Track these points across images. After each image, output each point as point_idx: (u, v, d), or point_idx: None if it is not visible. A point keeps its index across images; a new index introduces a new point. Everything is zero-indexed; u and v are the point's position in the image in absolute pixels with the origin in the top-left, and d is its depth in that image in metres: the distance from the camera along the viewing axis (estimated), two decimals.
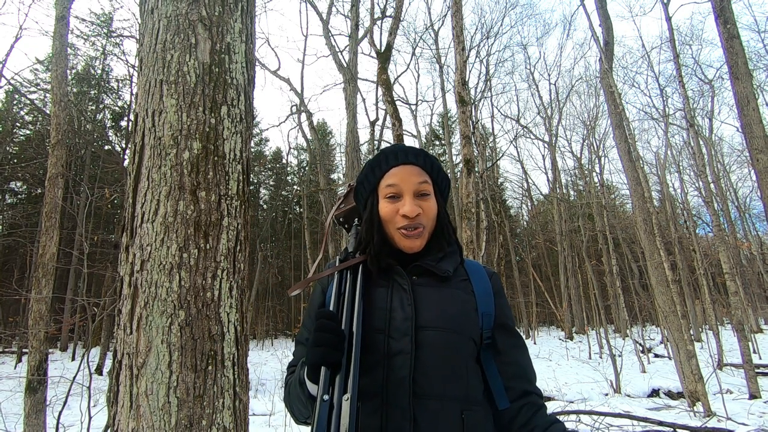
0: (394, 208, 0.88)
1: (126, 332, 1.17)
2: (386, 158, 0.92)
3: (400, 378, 0.77)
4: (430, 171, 0.93)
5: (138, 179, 1.28)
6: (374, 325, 0.81)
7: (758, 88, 15.29)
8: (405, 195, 0.88)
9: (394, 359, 0.79)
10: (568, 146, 25.17)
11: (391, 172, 0.90)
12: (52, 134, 5.05)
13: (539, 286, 21.67)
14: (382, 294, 0.86)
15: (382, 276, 0.88)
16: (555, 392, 9.29)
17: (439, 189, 0.95)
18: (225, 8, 1.43)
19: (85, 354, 4.07)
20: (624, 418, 5.79)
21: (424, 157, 0.93)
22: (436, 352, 0.81)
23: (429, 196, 0.90)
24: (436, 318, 0.83)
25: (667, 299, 7.71)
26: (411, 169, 0.90)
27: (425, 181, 0.90)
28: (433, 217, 0.90)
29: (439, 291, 0.87)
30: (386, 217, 0.89)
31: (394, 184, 0.88)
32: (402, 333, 0.81)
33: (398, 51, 25.56)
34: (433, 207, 0.90)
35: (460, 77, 4.57)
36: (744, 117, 4.70)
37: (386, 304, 0.84)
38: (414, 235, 0.87)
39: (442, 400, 0.79)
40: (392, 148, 0.94)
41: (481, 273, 0.96)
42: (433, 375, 0.79)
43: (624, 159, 8.37)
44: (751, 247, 20.25)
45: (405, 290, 0.85)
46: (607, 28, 8.71)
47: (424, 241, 0.89)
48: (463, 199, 4.19)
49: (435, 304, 0.85)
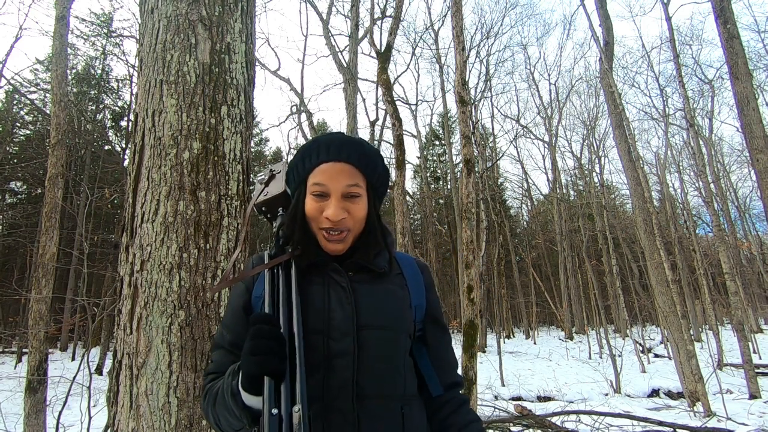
0: (319, 207, 0.83)
1: (126, 332, 1.17)
2: (318, 150, 0.86)
3: (342, 380, 0.75)
4: (365, 170, 0.87)
5: (138, 179, 1.28)
6: (311, 325, 0.77)
7: (758, 88, 15.29)
8: (332, 195, 0.83)
9: (334, 361, 0.75)
10: (568, 146, 25.20)
11: (321, 168, 0.84)
12: (52, 134, 5.05)
13: (539, 286, 21.67)
14: (317, 292, 0.81)
15: (315, 272, 0.83)
16: (555, 392, 9.29)
17: (374, 188, 0.89)
18: (225, 8, 1.43)
19: (85, 354, 4.08)
20: (624, 418, 5.79)
21: (359, 154, 0.87)
22: (378, 352, 0.79)
23: (358, 197, 0.85)
24: (376, 316, 0.81)
25: (667, 299, 7.70)
26: (342, 168, 0.84)
27: (356, 183, 0.84)
28: (360, 219, 0.85)
29: (376, 288, 0.85)
30: (310, 215, 0.84)
31: (322, 183, 0.83)
32: (342, 333, 0.78)
33: (398, 51, 25.58)
34: (361, 209, 0.85)
35: (460, 77, 4.57)
36: (744, 117, 4.70)
37: (324, 303, 0.80)
38: (336, 239, 0.83)
39: (384, 399, 0.78)
40: (327, 139, 0.88)
41: (413, 266, 0.94)
42: (375, 375, 0.78)
43: (624, 159, 8.37)
44: (751, 247, 20.25)
45: (343, 288, 0.82)
46: (607, 28, 8.71)
47: (347, 245, 0.85)
48: (463, 199, 4.19)
49: (374, 301, 0.83)
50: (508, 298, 23.52)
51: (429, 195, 23.73)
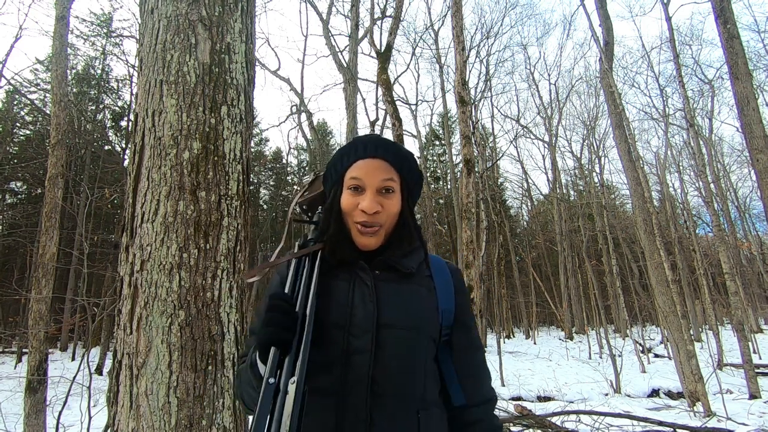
0: (354, 201, 0.86)
1: (126, 332, 1.17)
2: (356, 149, 0.90)
3: (358, 376, 0.76)
4: (400, 168, 0.90)
5: (138, 179, 1.28)
6: (333, 320, 0.79)
7: (758, 88, 15.29)
8: (367, 189, 0.85)
9: (353, 357, 0.77)
10: (568, 146, 25.17)
11: (358, 164, 0.88)
12: (52, 134, 5.05)
13: (539, 286, 21.67)
14: (342, 288, 0.83)
15: (343, 269, 0.85)
16: (555, 392, 9.29)
17: (407, 187, 0.92)
18: (225, 8, 1.43)
19: (85, 354, 4.08)
20: (624, 418, 5.79)
21: (395, 152, 0.90)
22: (397, 351, 0.79)
23: (392, 193, 0.87)
24: (399, 316, 0.82)
25: (667, 299, 7.71)
26: (378, 163, 0.87)
27: (391, 178, 0.87)
28: (393, 215, 0.87)
29: (401, 288, 0.86)
30: (346, 209, 0.87)
31: (358, 177, 0.86)
32: (363, 330, 0.79)
33: (398, 51, 25.56)
34: (395, 205, 0.87)
35: (460, 77, 4.57)
36: (744, 117, 4.70)
37: (347, 299, 0.82)
38: (370, 232, 0.85)
39: (399, 399, 0.78)
40: (364, 139, 0.92)
41: (443, 269, 0.95)
42: (392, 374, 0.78)
43: (624, 159, 8.37)
44: (751, 247, 20.26)
45: (367, 285, 0.83)
46: (607, 28, 8.72)
47: (380, 239, 0.86)
48: (463, 199, 4.19)
49: (397, 301, 0.84)
50: (508, 298, 23.52)
51: (429, 195, 23.72)
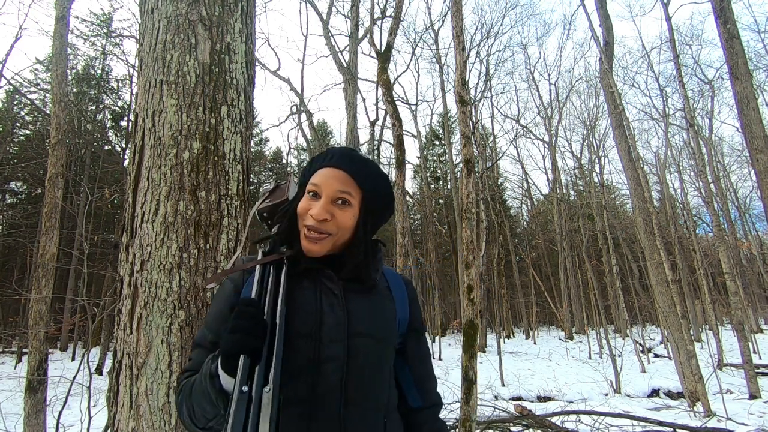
0: (308, 206, 0.86)
1: (126, 332, 1.17)
2: (324, 157, 0.90)
3: (330, 385, 0.76)
4: (362, 183, 0.87)
5: (138, 179, 1.28)
6: (300, 329, 0.78)
7: (758, 88, 15.28)
8: (322, 197, 0.85)
9: (324, 365, 0.76)
10: (568, 146, 25.19)
11: (320, 171, 0.88)
12: (52, 134, 5.05)
13: (539, 286, 21.66)
14: (308, 297, 0.82)
15: (308, 276, 0.85)
16: (555, 392, 9.29)
17: (366, 205, 0.89)
18: (225, 8, 1.43)
19: (85, 354, 4.07)
20: (624, 418, 5.79)
21: (360, 168, 0.88)
22: (367, 360, 0.81)
23: (347, 206, 0.86)
24: (368, 325, 0.83)
25: (667, 299, 7.70)
26: (338, 174, 0.86)
27: (348, 191, 0.86)
28: (345, 227, 0.85)
29: (367, 298, 0.87)
30: (299, 212, 0.87)
31: (317, 184, 0.86)
32: (332, 339, 0.79)
33: (398, 51, 25.57)
34: (348, 218, 0.85)
35: (460, 77, 4.57)
36: (744, 117, 4.70)
37: (315, 307, 0.81)
38: (315, 238, 0.84)
39: (369, 408, 0.80)
40: (336, 149, 0.91)
41: (398, 281, 0.98)
42: (364, 383, 0.79)
43: (624, 159, 8.37)
44: (751, 247, 20.25)
45: (336, 295, 0.83)
46: (607, 28, 8.71)
47: (323, 248, 0.85)
48: (463, 199, 4.19)
49: (365, 311, 0.85)
50: (508, 298, 23.51)
51: (429, 195, 23.72)
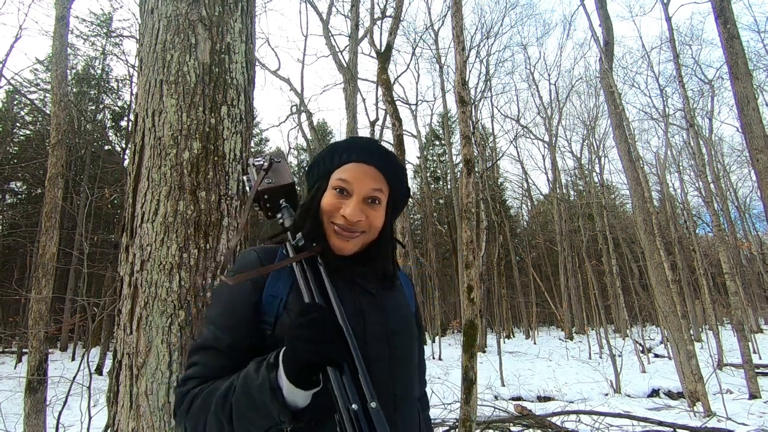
0: (337, 204, 0.82)
1: (126, 332, 1.16)
2: (349, 149, 0.85)
3: (381, 384, 0.74)
4: (391, 179, 0.86)
5: (138, 179, 1.28)
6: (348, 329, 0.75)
7: (758, 88, 15.28)
8: (354, 195, 0.81)
9: (371, 365, 0.74)
10: (568, 146, 25.17)
11: (349, 167, 0.83)
12: (52, 134, 5.05)
13: (539, 286, 21.66)
14: (346, 296, 0.79)
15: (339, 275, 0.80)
16: (555, 392, 9.29)
17: (394, 201, 0.88)
18: (225, 8, 1.43)
19: (85, 354, 4.07)
20: (624, 418, 5.79)
21: (389, 162, 0.86)
22: (405, 356, 0.83)
23: (379, 205, 0.84)
24: (400, 323, 0.84)
25: (667, 299, 7.70)
26: (370, 171, 0.83)
27: (380, 188, 0.83)
28: (375, 227, 0.84)
29: (393, 295, 0.88)
30: (326, 209, 0.82)
31: (347, 180, 0.82)
32: (376, 338, 0.78)
33: (398, 51, 25.55)
34: (379, 217, 0.84)
35: (460, 77, 4.57)
36: (744, 117, 4.70)
37: (356, 306, 0.79)
38: (347, 236, 0.81)
39: (409, 402, 0.82)
40: (361, 142, 0.87)
41: (404, 277, 0.99)
42: (405, 379, 0.81)
43: (624, 159, 8.37)
44: (751, 247, 20.25)
45: (372, 294, 0.82)
46: (607, 28, 8.71)
47: (355, 246, 0.82)
48: (463, 199, 4.18)
49: (395, 308, 0.85)
50: (508, 298, 23.51)
51: (429, 195, 23.72)
